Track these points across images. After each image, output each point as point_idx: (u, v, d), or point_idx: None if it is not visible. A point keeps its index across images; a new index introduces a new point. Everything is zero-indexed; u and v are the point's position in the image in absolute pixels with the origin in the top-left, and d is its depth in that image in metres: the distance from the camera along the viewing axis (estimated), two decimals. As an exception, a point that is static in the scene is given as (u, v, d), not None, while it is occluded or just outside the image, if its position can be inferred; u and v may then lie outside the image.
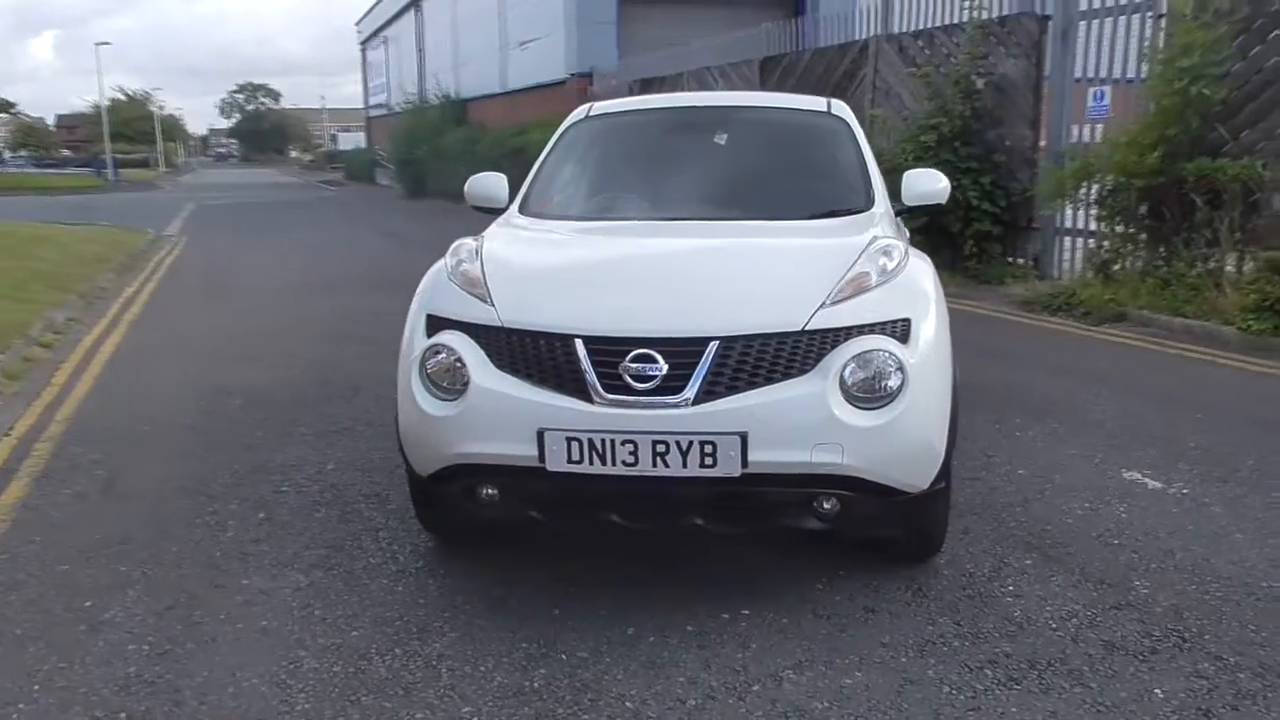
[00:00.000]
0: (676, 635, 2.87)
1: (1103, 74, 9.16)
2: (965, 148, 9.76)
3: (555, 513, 2.94)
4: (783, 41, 14.09)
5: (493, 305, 2.92)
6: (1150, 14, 8.61)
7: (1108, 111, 8.93)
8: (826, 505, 2.78)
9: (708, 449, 2.64)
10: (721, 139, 4.06)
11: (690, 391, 2.67)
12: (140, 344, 7.35)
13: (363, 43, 44.92)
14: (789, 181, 3.87)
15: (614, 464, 2.68)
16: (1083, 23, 9.28)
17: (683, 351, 2.70)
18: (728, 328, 2.72)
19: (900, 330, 2.84)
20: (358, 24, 45.51)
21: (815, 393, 2.68)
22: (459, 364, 2.86)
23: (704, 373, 2.68)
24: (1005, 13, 10.05)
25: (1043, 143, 9.71)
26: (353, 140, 58.35)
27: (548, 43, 22.13)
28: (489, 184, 4.10)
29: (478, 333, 2.89)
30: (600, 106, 4.34)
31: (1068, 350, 6.80)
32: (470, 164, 22.92)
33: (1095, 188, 8.53)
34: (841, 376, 2.70)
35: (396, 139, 29.54)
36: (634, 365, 2.69)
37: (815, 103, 4.33)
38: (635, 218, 3.67)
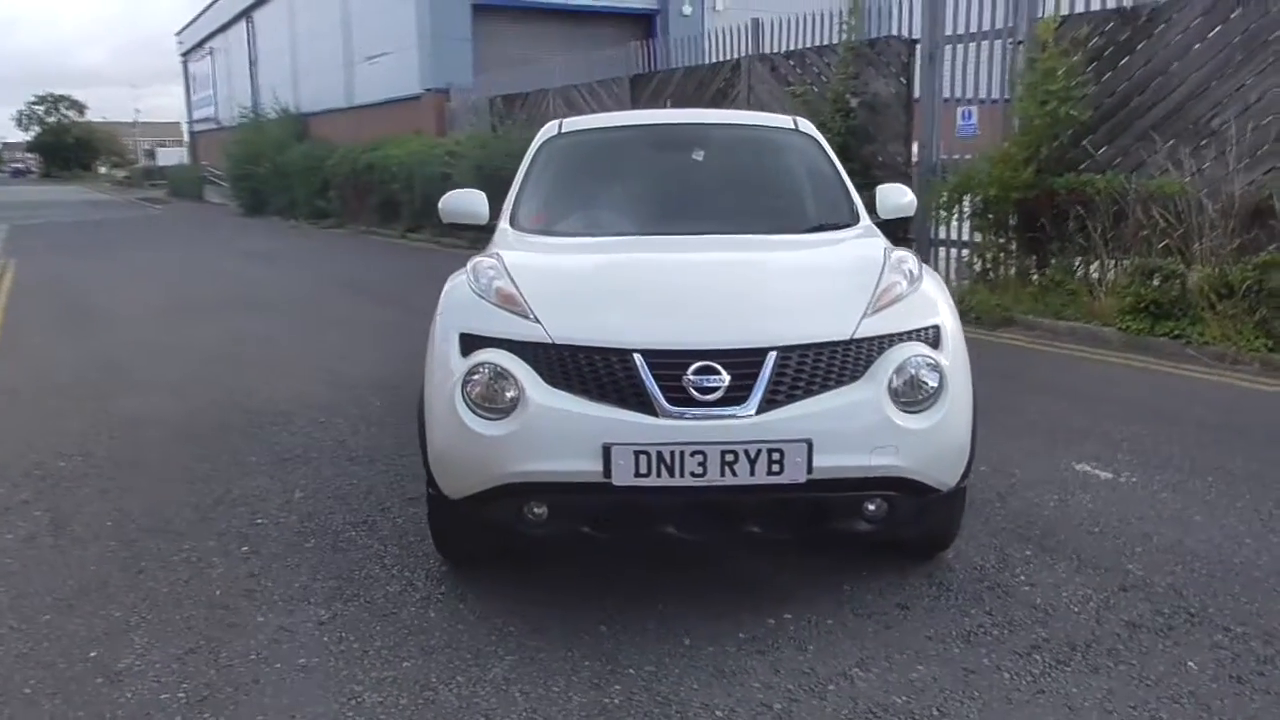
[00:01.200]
0: (732, 643, 2.91)
1: (969, 94, 9.79)
2: (845, 163, 10.15)
3: (610, 528, 2.92)
4: (650, 59, 14.30)
5: (538, 322, 2.88)
6: (1011, 40, 9.26)
7: (975, 130, 9.54)
8: (873, 507, 2.88)
9: (775, 456, 2.69)
10: (699, 155, 4.14)
11: (754, 401, 2.73)
12: (14, 376, 6.76)
13: (185, 54, 42.71)
14: (776, 197, 3.99)
15: (682, 475, 2.70)
16: (948, 47, 9.87)
17: (743, 362, 2.75)
18: (784, 338, 2.79)
19: (933, 336, 2.98)
20: (179, 34, 43.26)
21: (871, 398, 2.79)
22: (508, 382, 2.81)
23: (765, 382, 2.74)
24: (874, 36, 10.56)
25: (915, 159, 10.26)
26: (174, 155, 55.31)
27: (399, 58, 21.70)
28: (469, 200, 4.05)
29: (525, 350, 2.85)
30: (570, 124, 4.34)
31: (972, 353, 7.17)
32: (312, 181, 22.34)
33: (971, 201, 9.08)
34: (891, 382, 2.81)
35: (232, 155, 28.23)
36: (697, 377, 2.72)
37: (782, 120, 4.47)
38: (641, 232, 3.69)
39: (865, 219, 3.83)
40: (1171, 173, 7.71)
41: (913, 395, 2.85)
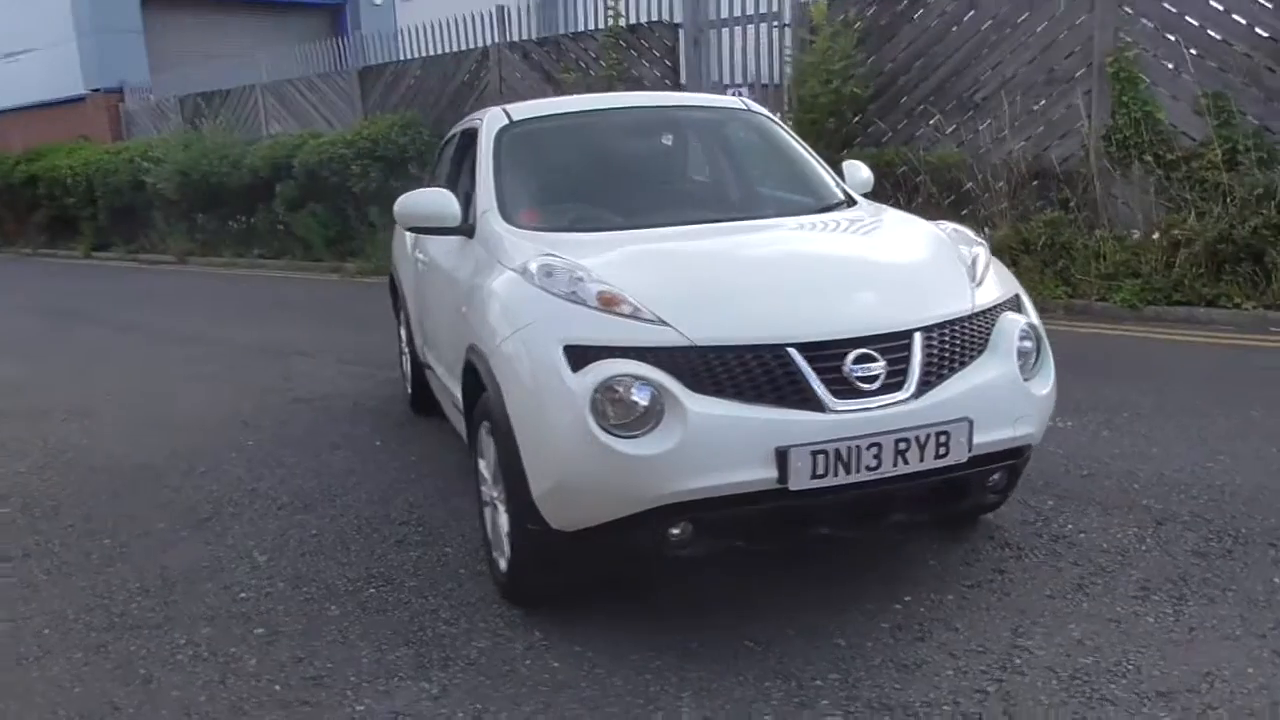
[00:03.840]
0: (884, 634, 2.83)
1: (738, 78, 10.14)
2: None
3: (762, 538, 2.73)
4: (382, 50, 13.54)
5: (667, 325, 2.61)
6: (775, 24, 9.71)
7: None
8: (996, 477, 2.90)
9: (942, 439, 2.63)
10: (668, 140, 3.95)
11: (910, 385, 2.64)
12: None
13: None
14: (768, 178, 3.89)
15: (858, 470, 2.57)
16: (713, 31, 10.17)
17: (894, 346, 2.66)
18: (924, 318, 2.73)
19: (1018, 303, 3.05)
20: None
21: (1008, 370, 2.80)
22: (650, 394, 2.53)
23: (919, 365, 2.66)
24: (635, 21, 10.65)
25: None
26: None
27: (52, 54, 19.01)
28: (435, 201, 3.60)
29: (659, 357, 2.57)
30: (518, 111, 3.98)
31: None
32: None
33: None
34: (1016, 351, 2.84)
35: None
36: (857, 366, 2.59)
37: (731, 101, 4.37)
38: (667, 223, 3.42)
39: (859, 196, 3.83)
40: (943, 144, 8.47)
41: (1025, 362, 2.89)
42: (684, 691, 2.58)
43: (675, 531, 2.62)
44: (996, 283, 3.03)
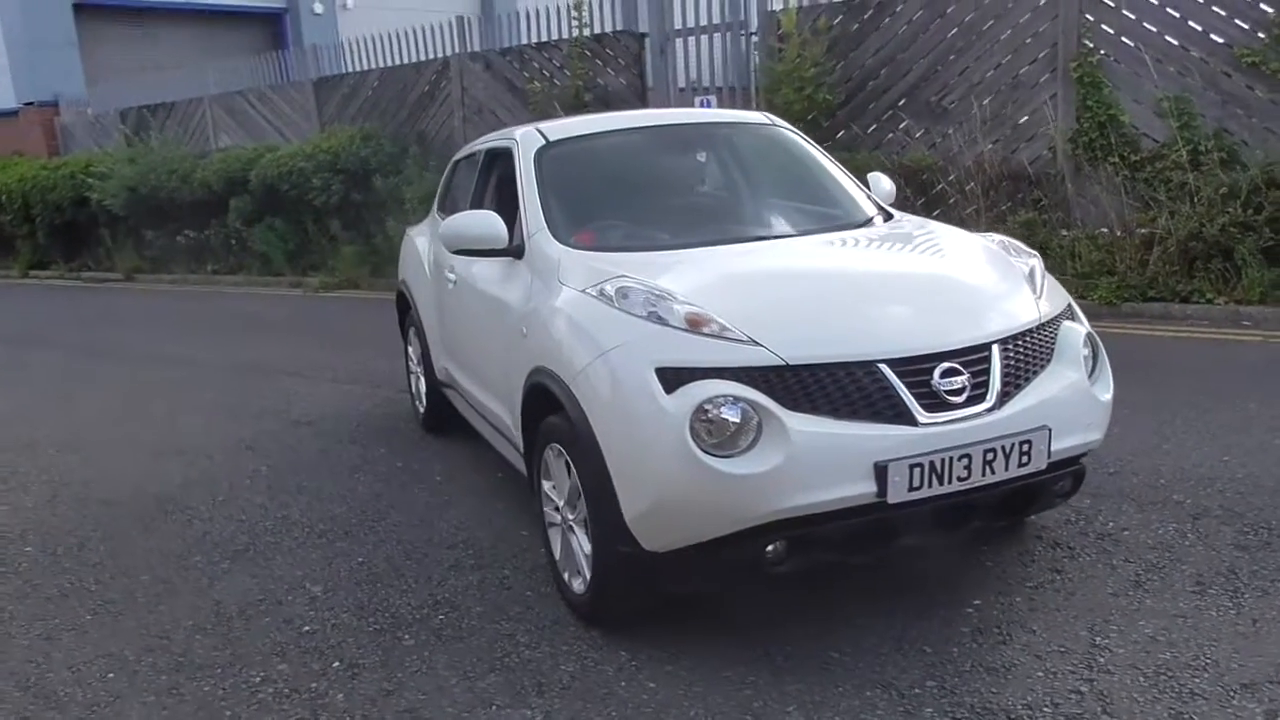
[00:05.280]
0: (965, 639, 2.90)
1: (705, 83, 10.22)
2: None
3: (852, 551, 2.79)
4: (336, 61, 13.34)
5: (758, 344, 2.65)
6: (742, 32, 9.82)
7: (717, 118, 9.99)
8: (1063, 483, 2.99)
9: (1025, 448, 2.71)
10: (702, 157, 3.99)
11: (992, 396, 2.72)
12: None
13: None
14: (803, 192, 3.94)
15: (950, 481, 2.64)
16: (679, 39, 10.24)
17: (975, 359, 2.73)
18: (999, 330, 2.81)
19: (1072, 312, 3.15)
20: None
21: (1078, 377, 2.89)
22: (749, 414, 2.57)
23: (999, 376, 2.74)
24: (599, 31, 10.66)
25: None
26: None
27: (-21, 67, 18.35)
28: (483, 223, 3.60)
29: (754, 376, 2.61)
30: (552, 131, 3.97)
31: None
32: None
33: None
34: (1082, 359, 2.94)
35: None
36: (944, 380, 2.66)
37: (756, 116, 4.42)
38: (721, 241, 3.44)
39: (891, 209, 3.91)
40: (913, 148, 8.66)
41: (1089, 368, 2.99)
42: (788, 706, 2.62)
43: (771, 548, 2.65)
44: (1054, 292, 3.13)
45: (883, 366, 2.63)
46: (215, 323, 10.06)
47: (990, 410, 2.70)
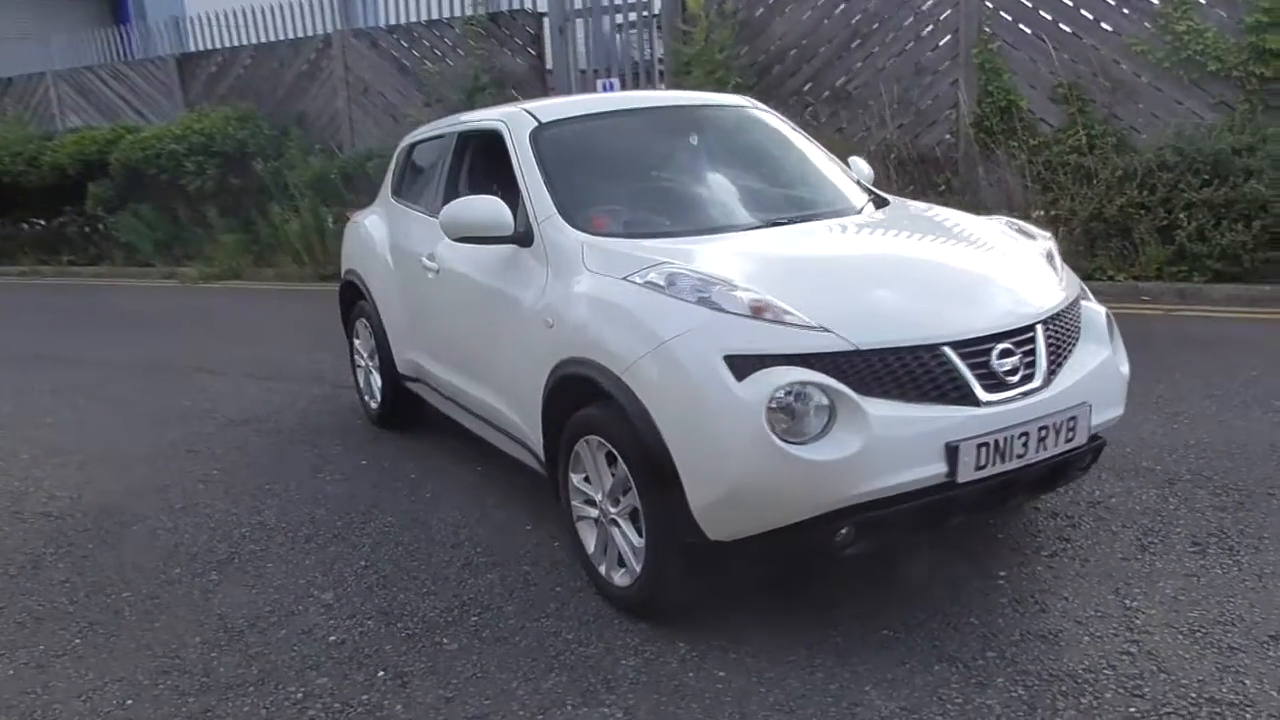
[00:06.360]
0: (1004, 610, 3.00)
1: (607, 65, 10.15)
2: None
3: (913, 531, 2.85)
4: (203, 36, 12.61)
5: (827, 330, 2.67)
6: (645, 14, 9.81)
7: (620, 101, 9.95)
8: (1087, 456, 3.13)
9: (1071, 424, 2.83)
10: (695, 140, 3.97)
11: (1040, 375, 2.82)
12: None
13: None
14: (805, 175, 3.96)
15: (1010, 459, 2.73)
16: (579, 20, 10.13)
17: (1024, 339, 2.83)
18: (1040, 310, 2.91)
19: (1085, 291, 3.30)
20: None
21: (1109, 354, 3.03)
22: (823, 400, 2.59)
23: (1045, 355, 2.85)
24: (495, 9, 10.45)
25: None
26: None
27: None
28: (487, 209, 3.47)
29: (824, 362, 2.63)
30: (542, 112, 3.85)
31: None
32: None
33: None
34: (1109, 336, 3.08)
35: None
36: (1002, 361, 2.75)
37: (737, 99, 4.42)
38: (743, 226, 3.43)
39: (881, 193, 3.99)
40: (820, 132, 8.84)
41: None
42: (864, 685, 2.66)
43: (843, 532, 2.68)
44: (1071, 273, 3.27)
45: (947, 349, 2.69)
46: (96, 318, 9.40)
47: (1040, 388, 2.79)
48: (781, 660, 2.80)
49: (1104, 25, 7.90)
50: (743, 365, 2.61)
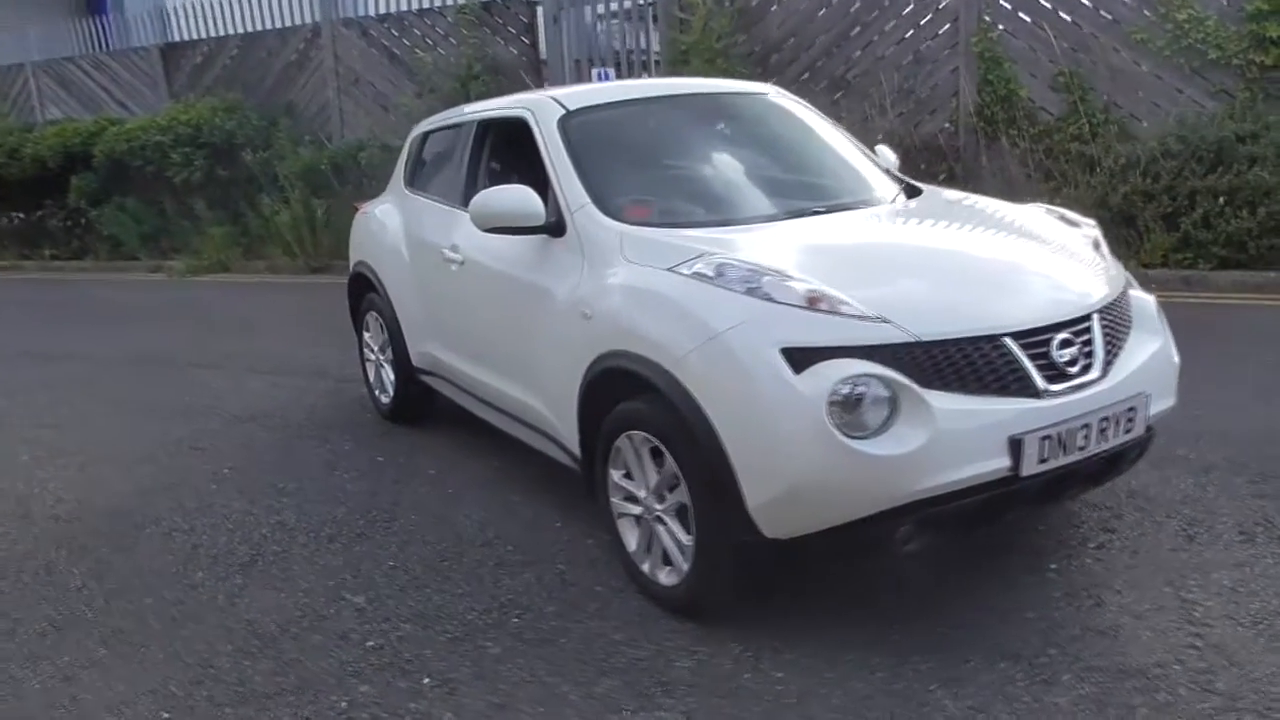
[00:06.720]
0: (1060, 605, 2.94)
1: (589, 55, 10.01)
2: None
3: (971, 526, 2.78)
4: (187, 26, 12.38)
5: (886, 322, 2.59)
6: (641, 1, 9.70)
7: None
8: (1136, 450, 3.07)
9: (1130, 414, 2.77)
10: (723, 127, 3.89)
11: (1097, 365, 2.76)
12: None
13: None
14: (837, 163, 3.87)
15: (1071, 452, 2.67)
16: (573, 8, 10.00)
17: (1081, 330, 2.77)
18: (1095, 300, 2.85)
19: (1133, 280, 3.25)
20: None
21: (1163, 344, 2.98)
22: (887, 393, 2.51)
23: (1101, 346, 2.79)
24: (488, -1, 10.31)
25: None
26: None
27: None
28: (519, 199, 3.37)
29: (885, 354, 2.56)
30: (569, 99, 3.75)
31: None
32: None
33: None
34: (1160, 325, 3.03)
35: None
36: (1062, 351, 2.69)
37: (761, 86, 4.34)
38: (786, 214, 3.35)
39: (915, 182, 3.92)
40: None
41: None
42: (929, 685, 2.60)
43: (904, 529, 2.61)
44: (1114, 263, 3.21)
45: (1007, 340, 2.62)
46: (85, 313, 9.22)
47: (1099, 379, 2.73)
48: (839, 660, 2.73)
49: (1104, 13, 7.87)
50: (801, 358, 2.54)
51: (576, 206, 3.35)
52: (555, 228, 3.39)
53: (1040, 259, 3.06)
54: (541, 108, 3.73)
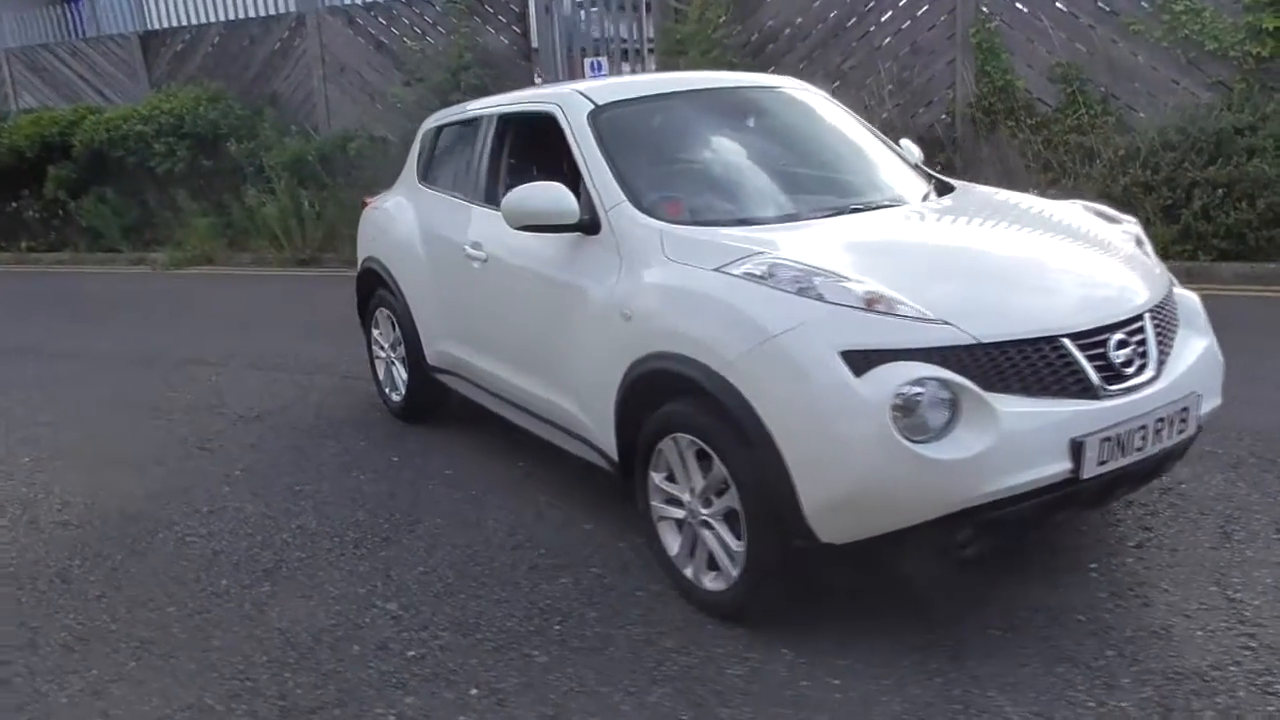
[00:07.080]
0: (1108, 605, 2.93)
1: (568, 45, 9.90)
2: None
3: (1025, 529, 2.75)
4: (165, 12, 12.14)
5: (947, 324, 2.55)
6: (630, -9, 9.61)
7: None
8: (1180, 450, 3.05)
9: (1183, 414, 2.75)
10: (751, 122, 3.83)
11: (1152, 365, 2.74)
12: None
13: None
14: (870, 159, 3.82)
15: (1129, 454, 2.64)
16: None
17: (1135, 330, 2.74)
18: (1148, 299, 2.83)
19: (1174, 279, 3.22)
20: None
21: (1210, 343, 2.96)
22: (946, 395, 2.48)
23: (1155, 346, 2.76)
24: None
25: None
26: None
27: None
28: (552, 197, 3.30)
29: (947, 356, 2.52)
30: (598, 94, 3.67)
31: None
32: None
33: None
34: (1206, 324, 3.01)
35: None
36: (1118, 352, 2.66)
37: (784, 79, 4.28)
38: (827, 212, 3.28)
39: (946, 179, 3.88)
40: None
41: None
42: (988, 690, 2.57)
43: (965, 532, 2.58)
44: (1157, 263, 3.18)
45: (1066, 341, 2.59)
46: (71, 307, 9.03)
47: (1154, 379, 2.71)
48: (895, 666, 2.69)
49: (1101, 4, 7.87)
50: (861, 361, 2.49)
51: (611, 204, 3.28)
52: (589, 226, 3.31)
53: (1089, 258, 3.02)
54: (569, 102, 3.65)
